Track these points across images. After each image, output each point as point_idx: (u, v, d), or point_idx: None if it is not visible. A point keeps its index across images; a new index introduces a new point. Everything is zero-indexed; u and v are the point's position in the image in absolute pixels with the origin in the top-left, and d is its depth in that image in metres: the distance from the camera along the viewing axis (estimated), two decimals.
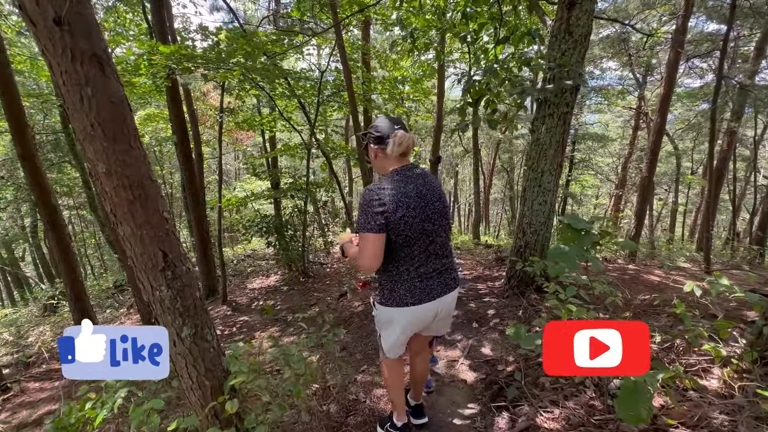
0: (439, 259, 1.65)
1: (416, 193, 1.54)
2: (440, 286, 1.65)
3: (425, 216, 1.55)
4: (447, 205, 1.70)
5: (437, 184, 1.66)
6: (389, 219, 1.49)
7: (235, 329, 4.86)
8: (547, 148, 3.42)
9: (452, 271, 1.74)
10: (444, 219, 1.64)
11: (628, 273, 5.05)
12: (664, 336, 2.13)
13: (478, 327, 3.56)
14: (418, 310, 1.61)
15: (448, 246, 1.71)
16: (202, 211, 6.62)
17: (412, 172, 1.59)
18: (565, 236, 1.63)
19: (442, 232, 1.64)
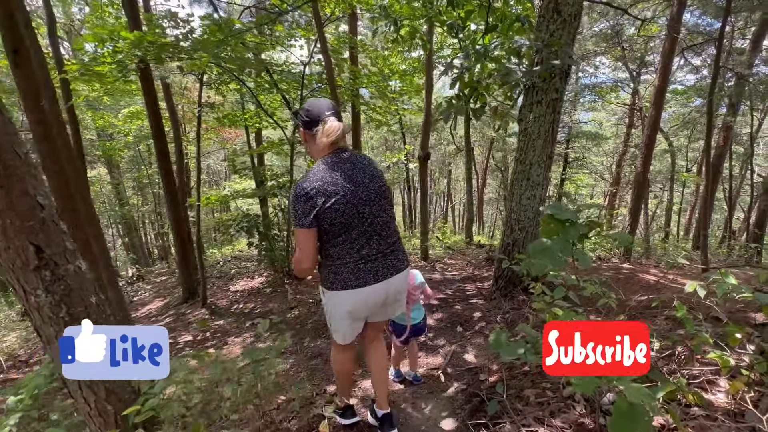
0: (383, 239, 1.62)
1: (345, 178, 1.52)
2: (386, 268, 1.62)
3: (358, 199, 1.53)
4: (384, 184, 1.65)
5: (370, 164, 1.63)
6: (319, 212, 1.48)
7: (208, 334, 4.58)
8: (535, 139, 3.19)
9: (399, 252, 1.70)
10: (382, 199, 1.62)
11: (622, 272, 4.83)
12: (663, 342, 1.89)
13: (463, 331, 3.31)
14: (364, 292, 1.59)
15: (391, 226, 1.68)
16: (180, 211, 6.33)
17: (340, 157, 1.57)
18: (547, 228, 1.39)
19: (381, 212, 1.61)
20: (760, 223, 7.28)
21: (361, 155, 1.67)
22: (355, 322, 1.69)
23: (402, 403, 2.33)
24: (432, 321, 3.59)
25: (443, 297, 4.27)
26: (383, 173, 1.73)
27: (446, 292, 4.57)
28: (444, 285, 4.92)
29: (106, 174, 15.44)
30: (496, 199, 22.79)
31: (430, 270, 6.13)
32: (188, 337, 4.58)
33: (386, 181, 1.69)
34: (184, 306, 6.61)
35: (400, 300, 1.80)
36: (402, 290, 1.76)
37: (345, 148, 1.63)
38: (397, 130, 14.84)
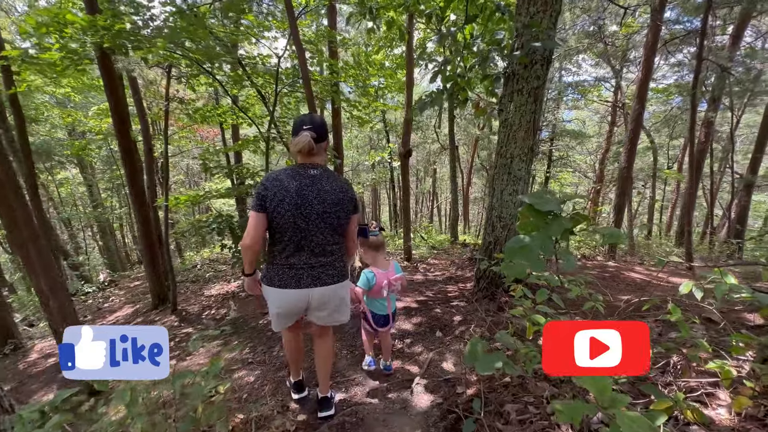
0: (315, 256, 1.78)
1: (296, 190, 1.69)
2: (310, 278, 1.78)
3: (298, 213, 1.69)
4: (335, 212, 1.76)
5: (332, 190, 1.74)
6: (265, 204, 1.68)
7: (172, 344, 4.26)
8: (516, 130, 2.99)
9: (330, 269, 1.82)
10: (323, 223, 1.74)
11: (608, 270, 4.71)
12: (656, 350, 1.70)
13: (442, 336, 3.10)
14: (284, 293, 1.77)
15: (329, 248, 1.81)
16: (148, 212, 5.96)
17: (306, 172, 1.74)
18: (526, 223, 1.17)
19: (319, 233, 1.75)
20: (741, 218, 7.31)
21: (333, 179, 1.78)
22: (283, 315, 1.86)
23: (372, 421, 2.10)
24: (410, 326, 3.36)
25: (423, 299, 4.05)
26: (350, 203, 1.83)
27: (427, 294, 4.35)
28: (425, 286, 4.70)
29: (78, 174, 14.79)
30: (481, 198, 22.78)
31: (413, 271, 5.91)
32: None
33: (344, 212, 1.80)
34: (154, 313, 6.25)
35: (332, 309, 1.89)
36: (329, 302, 1.85)
37: (316, 165, 1.77)
38: (380, 129, 14.62)
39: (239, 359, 3.46)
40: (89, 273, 11.15)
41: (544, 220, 1.18)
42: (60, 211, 14.61)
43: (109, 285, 10.19)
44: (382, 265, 2.36)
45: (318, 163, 1.79)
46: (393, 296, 2.45)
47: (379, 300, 2.39)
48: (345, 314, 1.99)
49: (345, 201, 1.79)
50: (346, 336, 3.39)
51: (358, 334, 3.39)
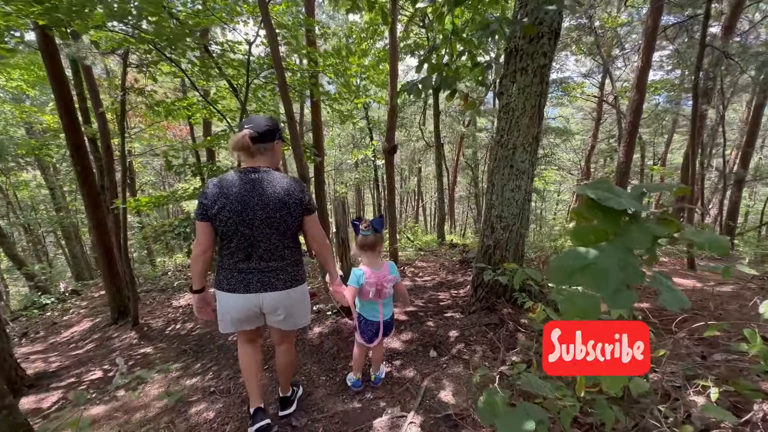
0: (264, 261, 1.74)
1: (237, 196, 1.65)
2: (259, 283, 1.74)
3: (241, 219, 1.65)
4: (280, 217, 1.70)
5: (275, 193, 1.68)
6: (208, 212, 1.67)
7: (125, 369, 3.69)
8: (519, 116, 2.58)
9: (281, 274, 1.78)
10: (268, 228, 1.69)
11: None
12: (723, 389, 1.29)
13: (437, 357, 2.66)
14: (232, 297, 1.74)
15: (277, 253, 1.76)
16: (102, 216, 5.33)
17: (247, 176, 1.69)
18: (585, 228, 0.73)
19: (266, 239, 1.71)
20: (732, 214, 7.19)
21: (278, 182, 1.70)
22: (233, 321, 1.81)
23: None
24: (399, 344, 2.91)
25: (413, 310, 3.61)
26: (297, 205, 1.73)
27: (417, 302, 3.92)
28: (414, 294, 4.27)
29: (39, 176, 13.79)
30: (467, 197, 22.58)
31: (400, 276, 5.48)
32: (98, 374, 3.67)
33: (292, 215, 1.72)
34: (113, 328, 5.61)
35: (286, 313, 1.82)
36: (281, 306, 1.79)
37: (258, 168, 1.72)
38: (364, 127, 14.15)
39: (200, 387, 2.95)
40: (48, 282, 10.28)
41: (616, 222, 0.75)
42: (18, 215, 13.58)
43: (71, 295, 9.40)
44: (374, 264, 2.11)
45: (261, 165, 1.74)
46: (388, 302, 2.21)
47: (370, 303, 2.14)
48: (302, 317, 1.94)
49: (291, 204, 1.71)
50: (325, 357, 2.92)
51: (338, 355, 2.92)
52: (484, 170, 17.85)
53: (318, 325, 3.45)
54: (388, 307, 2.20)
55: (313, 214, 1.81)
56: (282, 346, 2.05)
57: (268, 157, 1.76)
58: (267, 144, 1.74)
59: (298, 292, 1.86)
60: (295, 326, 1.93)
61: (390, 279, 2.12)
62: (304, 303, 1.93)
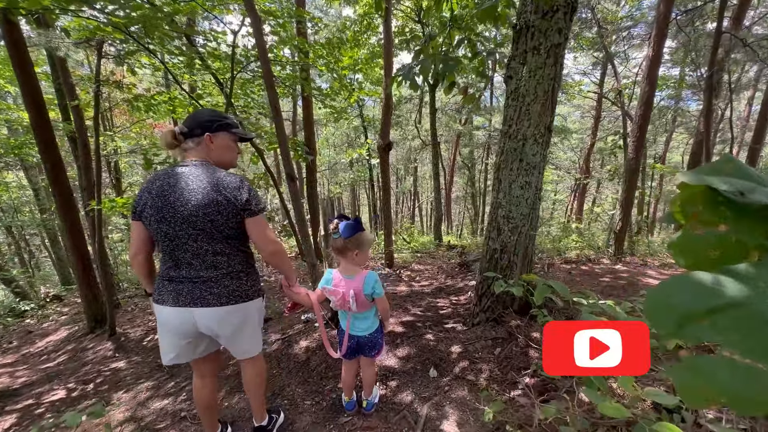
0: (194, 269, 1.51)
1: (158, 191, 1.49)
2: (190, 296, 1.50)
3: (161, 217, 1.47)
4: (209, 215, 1.46)
5: (199, 188, 1.47)
6: (136, 209, 1.53)
7: (91, 387, 3.34)
8: (531, 102, 2.27)
9: (215, 287, 1.51)
10: (192, 229, 1.46)
11: (621, 277, 4.09)
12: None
13: (438, 377, 2.34)
14: (163, 310, 1.55)
15: (211, 260, 1.51)
16: (76, 217, 4.97)
17: (173, 170, 1.54)
18: (702, 240, 0.40)
19: (192, 242, 1.48)
20: None
21: (205, 176, 1.50)
22: (168, 342, 1.60)
23: None
24: (395, 360, 2.59)
25: (410, 320, 3.29)
26: (229, 204, 1.49)
27: (414, 311, 3.60)
28: (411, 301, 3.95)
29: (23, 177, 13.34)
30: (463, 197, 22.33)
31: (396, 280, 5.15)
32: (61, 393, 3.31)
33: (222, 215, 1.48)
34: (89, 338, 5.24)
35: (226, 337, 1.60)
36: (217, 327, 1.55)
37: (188, 162, 1.55)
38: (358, 126, 13.82)
39: (171, 411, 2.61)
40: (28, 288, 9.85)
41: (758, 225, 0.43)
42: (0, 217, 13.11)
43: (53, 301, 8.99)
44: (346, 271, 1.80)
45: (193, 159, 1.57)
46: (362, 317, 1.86)
47: (341, 311, 1.88)
48: (250, 345, 1.69)
49: (220, 202, 1.47)
50: (312, 376, 2.59)
51: (326, 374, 2.59)
52: (481, 170, 17.58)
53: (305, 338, 3.12)
54: (362, 321, 1.86)
55: (257, 216, 1.54)
56: (246, 369, 1.82)
57: (201, 151, 1.59)
58: (196, 138, 1.58)
59: (238, 314, 1.56)
60: (243, 355, 1.70)
61: (356, 293, 1.73)
62: (249, 327, 1.63)
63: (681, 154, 16.76)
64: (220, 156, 1.63)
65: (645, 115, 4.89)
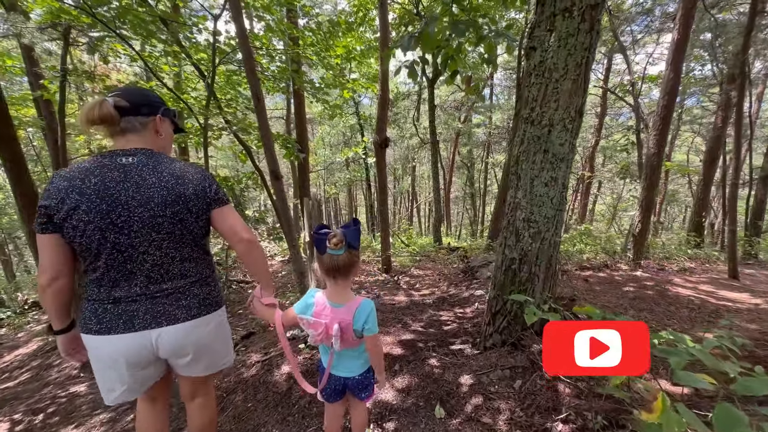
0: (153, 282, 1.23)
1: (99, 189, 1.13)
2: (150, 315, 1.22)
3: (108, 223, 1.14)
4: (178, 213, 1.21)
5: (161, 181, 1.19)
6: (53, 218, 1.13)
7: (39, 419, 2.87)
8: (559, 78, 1.85)
9: (183, 298, 1.27)
10: (157, 233, 1.19)
11: (645, 285, 3.66)
12: None
13: (446, 417, 1.90)
14: (109, 342, 1.20)
15: (174, 268, 1.26)
16: None
17: (114, 161, 1.18)
18: None
19: (154, 249, 1.21)
20: (758, 213, 6.57)
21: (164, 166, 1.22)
22: (113, 378, 1.25)
23: None
24: (392, 394, 2.15)
25: (409, 339, 2.85)
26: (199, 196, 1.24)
27: (414, 326, 3.16)
28: (411, 314, 3.51)
29: None
30: (462, 198, 21.94)
31: (393, 288, 4.71)
32: (4, 426, 2.85)
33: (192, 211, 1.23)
34: (56, 352, 4.77)
35: (197, 354, 1.31)
36: (186, 345, 1.28)
37: (134, 150, 1.21)
38: (354, 124, 13.38)
39: None
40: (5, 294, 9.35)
41: None
42: None
43: (31, 308, 8.50)
44: (337, 297, 1.35)
45: (137, 147, 1.23)
46: (349, 355, 1.42)
47: (322, 345, 1.44)
48: (223, 355, 1.44)
49: (190, 195, 1.22)
50: (293, 413, 2.15)
51: (310, 410, 2.15)
52: (481, 169, 17.17)
53: (287, 362, 2.67)
54: (349, 360, 1.43)
55: (227, 205, 1.32)
56: (196, 400, 1.49)
57: (146, 137, 1.26)
58: (143, 118, 1.25)
59: (213, 321, 1.35)
60: (213, 369, 1.43)
61: (343, 328, 1.30)
62: (223, 335, 1.42)
63: (686, 152, 16.40)
64: (165, 148, 1.35)
65: (668, 105, 4.47)
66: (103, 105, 1.18)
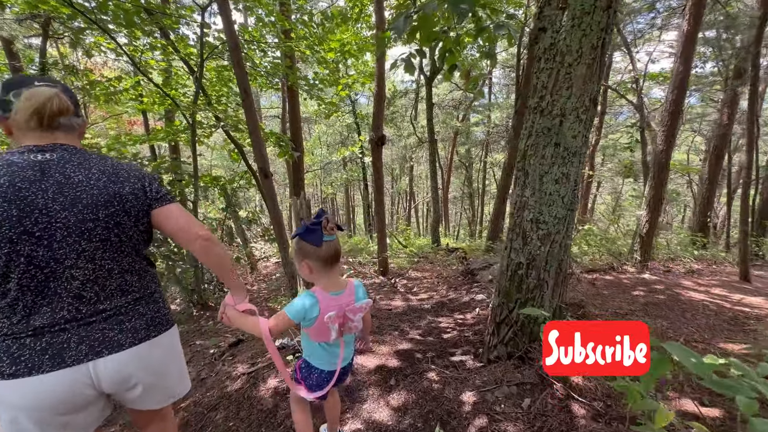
0: (86, 304, 1.01)
1: (6, 192, 0.91)
2: (87, 344, 1.00)
3: (22, 231, 0.92)
4: (113, 215, 1.02)
5: (89, 180, 1.00)
6: None
7: None
8: (573, 63, 1.66)
9: (127, 320, 1.07)
10: (87, 241, 0.99)
11: (656, 290, 3.48)
12: None
13: None
14: (30, 385, 0.94)
15: (112, 283, 1.05)
16: None
17: (28, 158, 0.96)
18: None
19: (85, 261, 0.99)
20: (765, 212, 6.42)
21: (92, 162, 1.03)
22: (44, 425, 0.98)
23: None
24: (386, 413, 1.95)
25: (407, 349, 2.65)
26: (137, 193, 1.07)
27: (411, 334, 2.96)
28: (408, 320, 3.32)
29: None
30: (460, 198, 21.77)
31: (390, 291, 4.52)
32: None
33: (129, 212, 1.05)
34: None
35: (149, 383, 1.12)
36: (133, 375, 1.07)
37: (47, 147, 1.00)
38: (351, 123, 13.18)
39: None
40: None
41: None
42: None
43: None
44: (334, 286, 1.29)
45: (55, 143, 1.01)
46: (351, 339, 1.42)
47: (326, 345, 1.32)
48: (179, 381, 1.23)
49: (125, 196, 1.03)
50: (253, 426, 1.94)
51: (269, 418, 1.95)
52: (479, 168, 17.01)
53: (274, 375, 2.47)
54: (350, 346, 1.43)
55: (174, 203, 1.15)
56: (151, 426, 1.29)
57: (72, 137, 1.08)
58: (77, 119, 1.09)
59: (164, 343, 1.16)
60: (170, 400, 1.23)
61: (359, 308, 1.29)
62: (177, 358, 1.22)
63: (686, 151, 16.28)
64: None
65: (677, 100, 4.28)
66: (62, 97, 1.02)
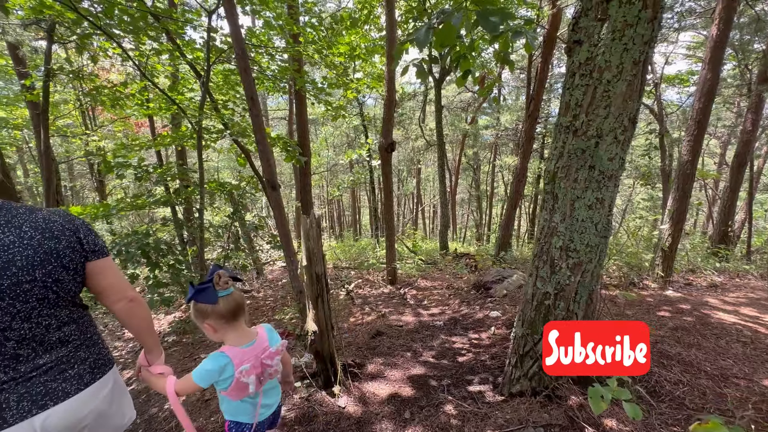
0: (23, 362, 1.00)
1: None
2: (30, 400, 0.99)
3: None
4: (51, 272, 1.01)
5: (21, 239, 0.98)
6: None
7: None
8: (612, 79, 1.50)
9: (69, 368, 1.07)
10: (23, 302, 0.97)
11: (681, 309, 3.30)
12: None
13: None
14: None
15: (52, 337, 1.04)
16: None
17: None
18: None
19: (20, 321, 0.97)
20: None
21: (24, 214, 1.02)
22: None
23: None
24: None
25: (420, 374, 2.51)
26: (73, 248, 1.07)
27: (425, 356, 2.82)
28: (421, 339, 3.17)
29: None
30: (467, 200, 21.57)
31: (399, 303, 4.37)
32: None
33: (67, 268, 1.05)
34: None
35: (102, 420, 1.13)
36: (82, 422, 1.07)
37: None
38: (358, 125, 13.05)
39: None
40: None
41: None
42: None
43: None
44: (242, 337, 1.25)
45: None
46: (271, 384, 1.35)
47: (248, 399, 1.27)
48: (124, 415, 1.22)
49: (62, 252, 1.03)
50: None
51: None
52: (488, 170, 16.78)
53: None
54: (273, 392, 1.37)
55: (106, 258, 1.15)
56: None
57: None
58: None
59: (109, 383, 1.17)
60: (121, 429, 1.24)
61: (276, 352, 1.28)
62: (121, 393, 1.23)
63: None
64: None
65: (705, 108, 4.07)
66: None
